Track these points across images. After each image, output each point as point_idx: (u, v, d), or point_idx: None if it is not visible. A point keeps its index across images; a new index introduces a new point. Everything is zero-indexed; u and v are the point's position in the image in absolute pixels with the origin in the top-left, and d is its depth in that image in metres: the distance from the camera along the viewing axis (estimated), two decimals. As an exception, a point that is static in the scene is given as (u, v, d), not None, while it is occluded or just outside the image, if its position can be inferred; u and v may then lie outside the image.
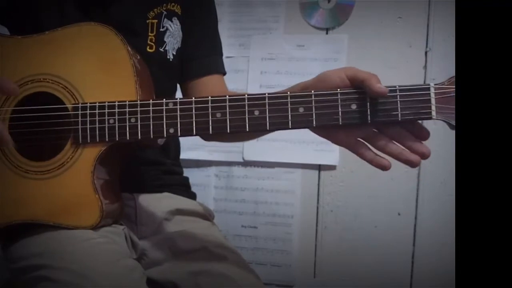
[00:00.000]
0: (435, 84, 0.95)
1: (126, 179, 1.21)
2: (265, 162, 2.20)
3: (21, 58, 1.13)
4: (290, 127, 1.00)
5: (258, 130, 1.01)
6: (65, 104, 1.09)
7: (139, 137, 1.05)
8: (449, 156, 1.95)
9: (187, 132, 1.03)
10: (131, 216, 1.30)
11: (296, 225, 2.19)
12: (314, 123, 0.98)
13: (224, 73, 1.46)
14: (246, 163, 2.22)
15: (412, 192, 2.10)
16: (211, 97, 1.03)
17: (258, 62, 2.22)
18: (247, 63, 2.22)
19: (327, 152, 2.12)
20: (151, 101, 1.05)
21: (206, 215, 1.41)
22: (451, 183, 2.04)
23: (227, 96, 1.02)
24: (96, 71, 1.10)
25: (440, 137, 1.71)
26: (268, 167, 2.21)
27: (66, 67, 1.11)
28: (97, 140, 1.07)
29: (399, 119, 0.95)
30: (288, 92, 1.00)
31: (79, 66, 1.10)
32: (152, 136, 1.05)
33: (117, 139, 1.06)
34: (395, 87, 0.96)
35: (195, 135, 1.05)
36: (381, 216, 2.13)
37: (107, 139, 1.07)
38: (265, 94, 1.01)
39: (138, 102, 1.05)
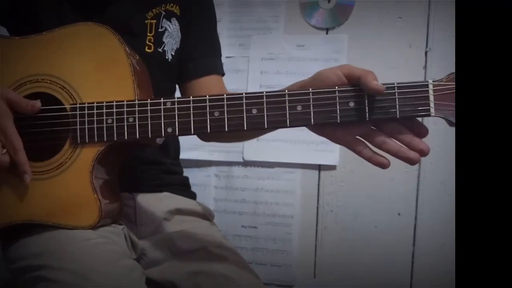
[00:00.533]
0: (433, 81, 0.95)
1: (125, 178, 1.21)
2: (265, 162, 2.20)
3: (19, 59, 1.13)
4: (288, 125, 1.00)
5: (256, 128, 1.01)
6: (63, 105, 1.09)
7: (137, 137, 1.05)
8: (449, 156, 1.96)
9: (185, 131, 1.03)
10: (131, 216, 1.30)
11: (296, 225, 2.19)
12: (312, 121, 0.99)
13: (223, 74, 1.46)
14: (246, 163, 2.22)
15: (412, 192, 2.10)
16: (209, 96, 1.03)
17: (258, 62, 2.22)
18: (247, 63, 2.22)
19: (327, 152, 2.12)
20: (149, 101, 1.05)
21: (206, 215, 1.41)
22: (451, 183, 2.04)
23: (225, 95, 1.02)
24: (94, 71, 1.10)
25: (440, 137, 1.72)
26: (268, 167, 2.21)
27: (64, 67, 1.11)
28: (96, 140, 1.07)
29: (397, 116, 0.95)
30: (286, 91, 1.01)
31: (77, 66, 1.10)
32: (150, 136, 1.05)
33: (115, 139, 1.06)
34: (393, 84, 0.96)
35: (193, 134, 1.05)
36: (381, 216, 2.12)
37: (105, 139, 1.07)
38: (263, 92, 1.01)
39: (136, 101, 1.05)
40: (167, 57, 1.33)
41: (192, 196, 1.45)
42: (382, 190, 2.10)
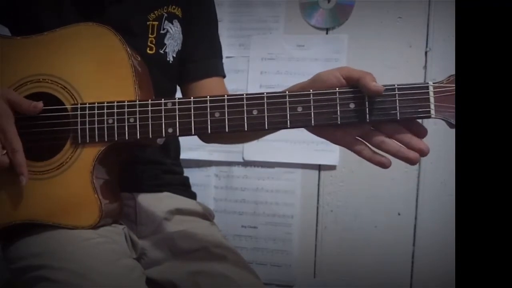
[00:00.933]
0: (434, 83, 0.95)
1: (126, 178, 1.21)
2: (265, 162, 2.20)
3: (20, 59, 1.13)
4: (288, 126, 1.00)
5: (256, 129, 1.01)
6: (64, 105, 1.09)
7: (138, 137, 1.05)
8: (449, 156, 1.96)
9: (186, 132, 1.04)
10: (131, 216, 1.30)
11: (296, 225, 2.19)
12: (313, 122, 0.99)
13: (224, 76, 1.46)
14: (246, 163, 2.22)
15: (412, 192, 2.10)
16: (210, 96, 1.03)
17: (258, 62, 2.22)
18: (247, 63, 2.22)
19: (327, 152, 2.12)
20: (149, 101, 1.05)
21: (206, 215, 1.41)
22: (451, 183, 2.04)
23: (226, 95, 1.03)
24: (95, 71, 1.10)
25: (440, 137, 1.72)
26: (268, 167, 2.21)
27: (65, 67, 1.11)
28: (96, 140, 1.07)
29: (398, 118, 0.96)
30: (287, 92, 1.01)
31: (78, 66, 1.11)
32: (150, 136, 1.05)
33: (116, 139, 1.06)
34: (393, 85, 0.96)
35: (194, 134, 1.05)
36: (381, 216, 2.12)
37: (106, 139, 1.07)
38: (263, 93, 1.01)
39: (137, 102, 1.06)
40: (168, 59, 1.33)
41: (192, 196, 1.45)
42: (382, 190, 2.10)
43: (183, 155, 1.52)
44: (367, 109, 0.96)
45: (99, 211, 1.07)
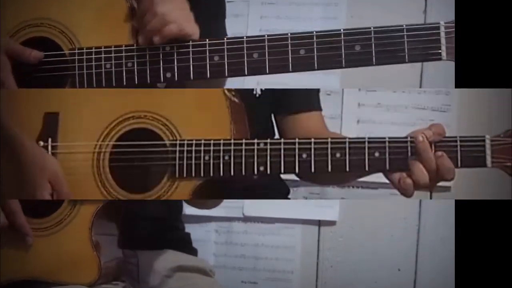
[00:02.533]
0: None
1: (127, 235, 1.22)
2: (265, 218, 2.19)
3: (21, 1, 1.12)
4: (290, 70, 0.97)
5: (257, 73, 0.99)
6: (62, 50, 1.09)
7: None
8: (448, 212, 1.95)
9: (184, 77, 1.03)
10: (133, 273, 1.29)
11: (296, 280, 2.17)
12: (316, 65, 0.96)
13: None
14: (246, 219, 2.21)
15: (412, 248, 2.09)
16: (209, 40, 1.01)
17: (258, 7, 2.16)
18: (247, 8, 2.19)
19: (327, 207, 2.11)
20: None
21: (207, 271, 1.41)
22: (451, 239, 2.04)
23: (225, 38, 1.01)
24: (94, 18, 1.09)
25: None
26: (268, 222, 2.20)
27: (64, 12, 1.10)
28: None
29: (406, 60, 0.92)
30: (289, 33, 0.98)
31: (77, 11, 1.10)
32: (149, 80, 1.05)
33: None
34: (402, 26, 0.93)
35: (192, 79, 1.03)
36: (381, 272, 2.11)
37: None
38: (264, 35, 0.99)
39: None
40: None
41: (194, 252, 1.45)
42: (382, 246, 2.09)
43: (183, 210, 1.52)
44: (373, 51, 0.93)
45: (98, 268, 1.07)
